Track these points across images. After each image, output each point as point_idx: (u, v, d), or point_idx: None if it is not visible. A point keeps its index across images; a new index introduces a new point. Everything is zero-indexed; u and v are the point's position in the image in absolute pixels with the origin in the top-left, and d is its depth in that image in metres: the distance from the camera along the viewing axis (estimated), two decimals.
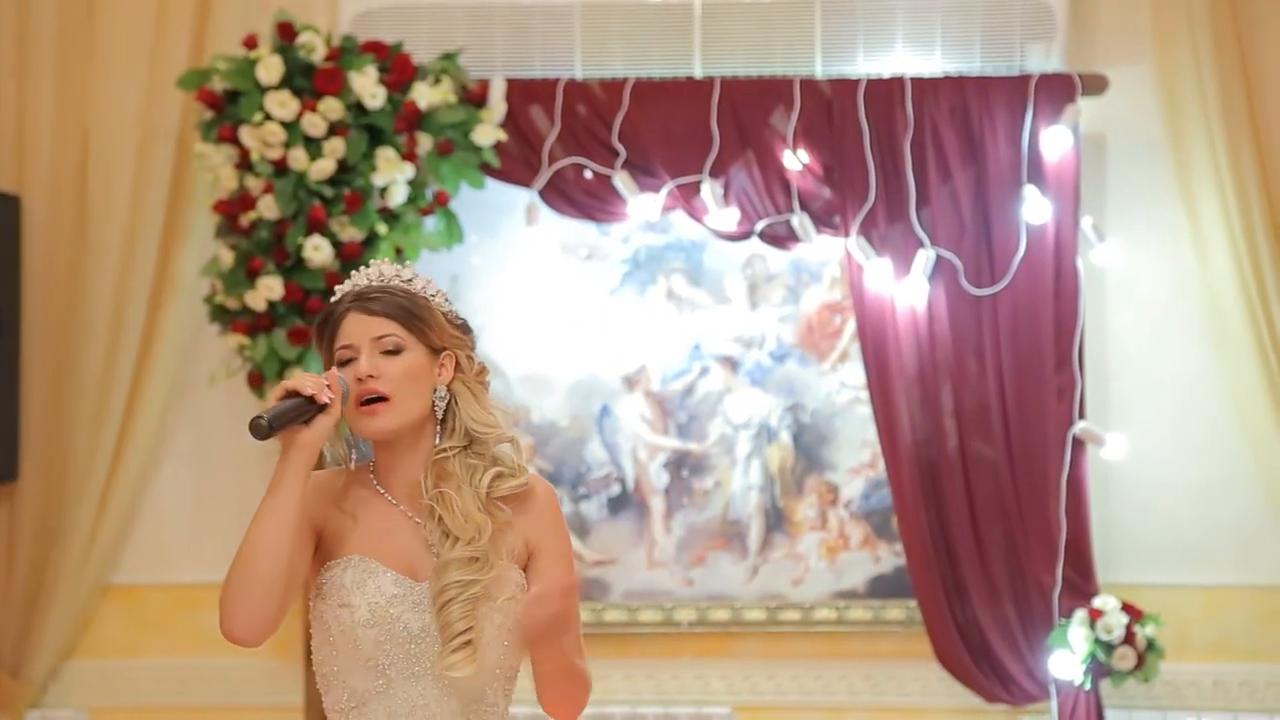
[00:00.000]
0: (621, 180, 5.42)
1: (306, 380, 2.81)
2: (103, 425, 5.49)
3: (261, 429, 2.74)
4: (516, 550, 2.92)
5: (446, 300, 2.99)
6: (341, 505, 2.93)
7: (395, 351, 2.90)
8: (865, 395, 5.50)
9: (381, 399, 2.88)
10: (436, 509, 2.88)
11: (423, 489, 2.90)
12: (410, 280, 2.96)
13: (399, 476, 2.93)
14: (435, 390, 2.92)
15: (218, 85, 5.29)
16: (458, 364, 2.96)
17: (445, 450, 2.92)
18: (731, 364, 5.62)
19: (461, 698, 2.87)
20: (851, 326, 5.55)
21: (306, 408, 2.80)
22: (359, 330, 2.91)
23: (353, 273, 2.98)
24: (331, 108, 5.23)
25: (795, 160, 5.42)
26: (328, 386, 2.81)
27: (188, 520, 5.65)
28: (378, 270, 2.96)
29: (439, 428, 2.94)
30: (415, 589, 2.86)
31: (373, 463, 2.96)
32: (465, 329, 3.00)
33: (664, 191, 5.43)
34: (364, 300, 2.93)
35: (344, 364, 2.91)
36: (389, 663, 2.85)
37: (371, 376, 2.88)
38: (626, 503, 5.60)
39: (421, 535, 2.89)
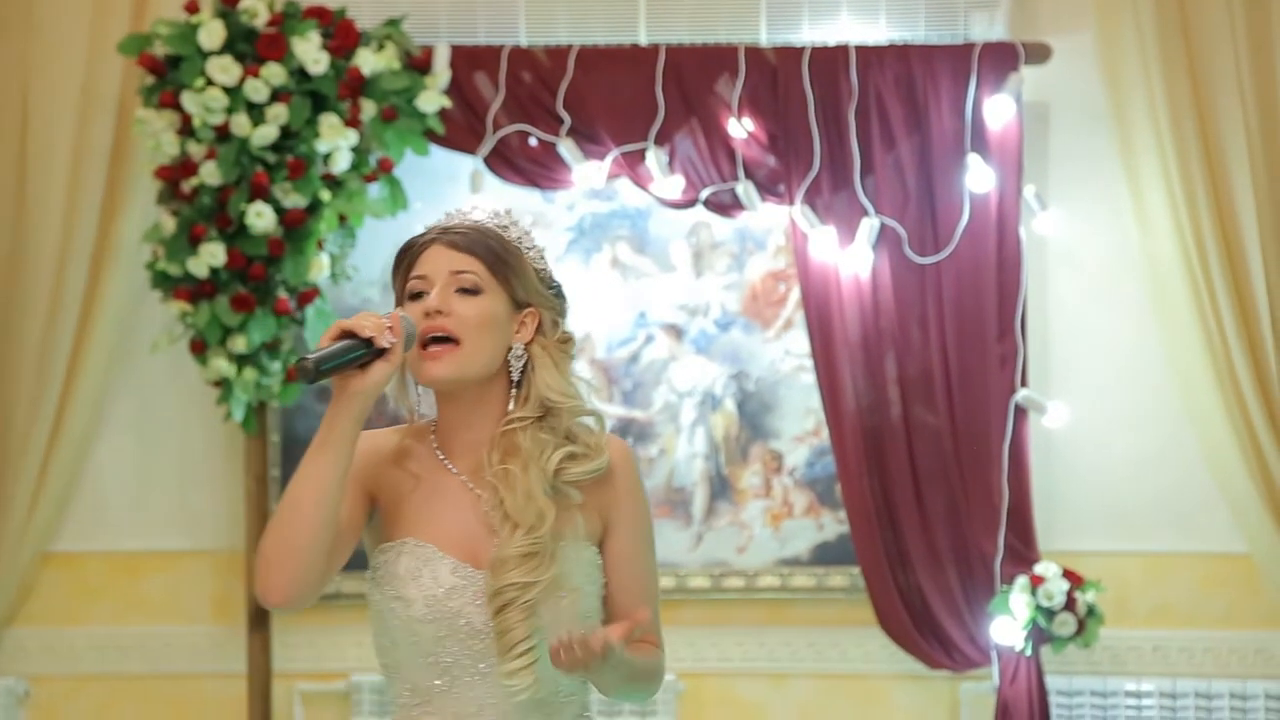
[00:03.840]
0: (566, 147, 5.41)
1: (365, 320, 2.51)
2: (43, 392, 5.44)
3: (308, 372, 2.46)
4: (592, 527, 2.66)
5: (543, 258, 2.74)
6: (402, 464, 2.66)
7: (473, 291, 2.62)
8: (809, 363, 5.52)
9: (448, 340, 2.60)
10: (499, 488, 2.60)
11: (486, 462, 2.62)
12: (507, 227, 2.71)
13: (462, 441, 2.65)
14: (511, 348, 2.65)
15: (159, 50, 5.25)
16: (540, 324, 2.68)
17: (515, 420, 2.63)
18: (676, 332, 5.63)
19: (533, 695, 2.61)
20: (796, 294, 5.56)
21: (362, 351, 2.51)
22: (438, 262, 2.63)
23: (449, 212, 2.72)
24: (274, 73, 5.19)
25: (740, 128, 5.42)
26: (389, 329, 2.52)
27: (129, 488, 5.61)
28: (473, 209, 2.71)
29: (514, 393, 2.65)
30: (476, 578, 2.59)
31: (434, 422, 2.69)
32: (558, 292, 2.74)
33: (609, 159, 5.42)
34: (450, 233, 2.65)
35: (414, 297, 2.63)
36: (451, 660, 2.60)
37: (440, 312, 2.59)
38: None
39: (483, 511, 2.62)
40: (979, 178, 5.40)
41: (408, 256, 2.67)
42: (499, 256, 2.65)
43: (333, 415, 2.52)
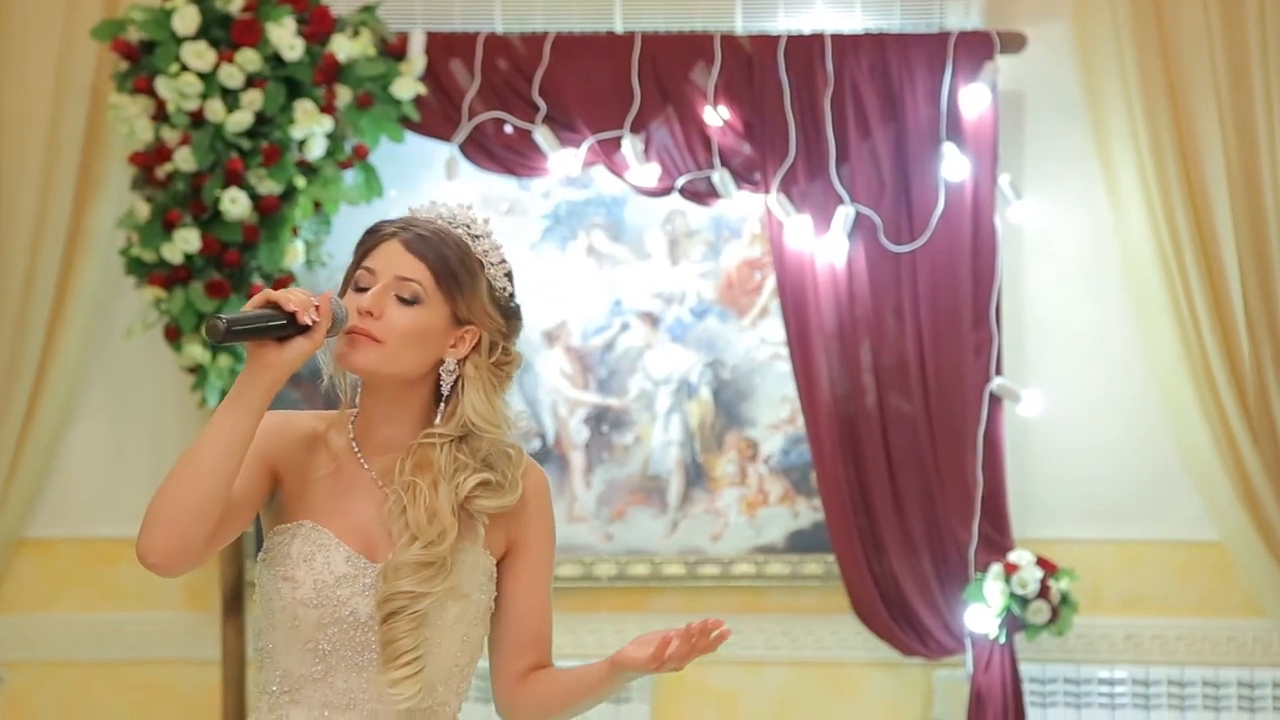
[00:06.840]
0: (542, 135, 5.41)
1: (292, 294, 2.45)
2: (17, 378, 5.43)
3: (217, 331, 2.40)
4: (494, 539, 2.65)
5: (507, 277, 2.67)
6: (314, 449, 2.63)
7: (411, 301, 2.57)
8: (785, 351, 5.52)
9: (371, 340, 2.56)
10: (403, 498, 2.56)
11: (397, 469, 2.59)
12: (478, 237, 2.64)
13: (379, 436, 2.62)
14: (443, 361, 2.60)
15: (133, 35, 5.23)
16: (479, 344, 2.63)
17: (435, 435, 2.60)
18: (652, 320, 5.63)
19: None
20: (771, 283, 5.57)
21: (282, 324, 2.45)
22: (389, 261, 2.58)
23: (434, 201, 2.67)
24: (249, 59, 5.18)
25: (716, 116, 5.42)
26: (316, 307, 2.46)
27: (102, 474, 5.60)
28: (452, 213, 2.64)
29: (441, 407, 2.62)
30: (369, 571, 2.56)
31: (355, 414, 2.65)
32: (509, 313, 2.68)
33: (585, 147, 5.42)
34: (413, 232, 2.59)
35: (359, 289, 2.59)
36: (330, 648, 2.56)
37: (370, 314, 2.55)
38: (546, 458, 5.60)
39: (385, 512, 2.59)
40: (954, 166, 5.41)
41: (367, 243, 2.63)
42: (450, 269, 2.59)
43: (242, 383, 2.46)
